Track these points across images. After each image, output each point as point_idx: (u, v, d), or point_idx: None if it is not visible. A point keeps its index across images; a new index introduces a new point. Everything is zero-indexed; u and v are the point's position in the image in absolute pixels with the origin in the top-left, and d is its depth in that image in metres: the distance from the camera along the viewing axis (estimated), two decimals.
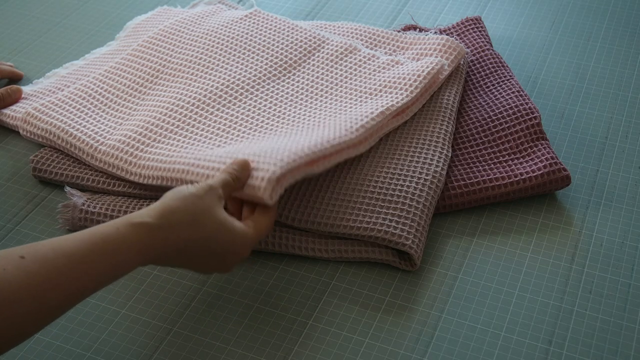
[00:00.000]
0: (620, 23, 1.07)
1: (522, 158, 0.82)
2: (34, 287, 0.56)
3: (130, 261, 0.61)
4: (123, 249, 0.60)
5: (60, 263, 0.57)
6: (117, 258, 0.60)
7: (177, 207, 0.64)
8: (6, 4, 1.18)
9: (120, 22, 1.12)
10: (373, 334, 0.69)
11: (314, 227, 0.76)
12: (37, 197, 0.85)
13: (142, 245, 0.61)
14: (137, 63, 0.94)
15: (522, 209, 0.80)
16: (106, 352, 0.69)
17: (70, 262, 0.58)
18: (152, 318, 0.72)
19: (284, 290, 0.74)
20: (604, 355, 0.67)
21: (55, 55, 1.06)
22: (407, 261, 0.74)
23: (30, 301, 0.56)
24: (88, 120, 0.88)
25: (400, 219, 0.75)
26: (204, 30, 0.98)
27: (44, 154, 0.87)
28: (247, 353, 0.68)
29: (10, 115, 0.93)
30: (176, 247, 0.63)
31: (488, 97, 0.90)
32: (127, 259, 0.61)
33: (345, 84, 0.90)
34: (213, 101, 0.87)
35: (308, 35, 0.97)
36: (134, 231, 0.61)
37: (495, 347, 0.68)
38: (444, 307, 0.71)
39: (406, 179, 0.79)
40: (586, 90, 0.96)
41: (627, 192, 0.82)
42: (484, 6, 1.12)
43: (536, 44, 1.04)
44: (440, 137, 0.84)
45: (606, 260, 0.75)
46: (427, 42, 0.94)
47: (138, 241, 0.61)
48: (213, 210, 0.66)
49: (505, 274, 0.74)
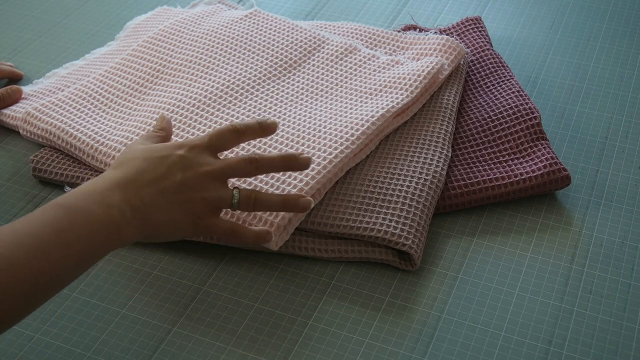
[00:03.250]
0: (620, 23, 1.07)
1: (522, 158, 0.82)
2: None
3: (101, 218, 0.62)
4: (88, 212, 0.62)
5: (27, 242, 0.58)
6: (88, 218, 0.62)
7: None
8: (6, 4, 1.18)
9: (120, 22, 1.12)
10: (373, 334, 0.69)
11: (314, 227, 0.76)
12: (37, 197, 0.85)
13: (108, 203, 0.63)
14: (137, 63, 0.95)
15: (522, 209, 0.80)
16: (106, 352, 0.69)
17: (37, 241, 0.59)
18: (152, 318, 0.72)
19: (284, 290, 0.74)
20: (604, 355, 0.67)
21: (55, 55, 1.07)
22: (407, 261, 0.74)
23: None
24: (88, 120, 0.88)
25: (400, 219, 0.75)
26: (204, 30, 0.98)
27: (44, 154, 0.87)
28: (247, 353, 0.68)
29: (10, 115, 0.93)
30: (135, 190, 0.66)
31: (488, 97, 0.90)
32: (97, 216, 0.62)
33: (345, 84, 0.90)
34: (213, 102, 0.87)
35: (308, 35, 0.97)
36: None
37: (495, 347, 0.68)
38: (444, 307, 0.71)
39: (406, 179, 0.79)
40: (586, 90, 0.96)
41: (627, 192, 0.82)
42: (484, 6, 1.12)
43: (536, 44, 1.04)
44: (440, 137, 0.84)
45: (606, 260, 0.75)
46: (427, 42, 0.94)
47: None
48: (131, 146, 0.70)
49: (505, 274, 0.74)
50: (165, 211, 0.66)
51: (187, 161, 0.68)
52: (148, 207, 0.65)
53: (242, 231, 0.70)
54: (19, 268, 0.57)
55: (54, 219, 0.61)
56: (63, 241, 0.60)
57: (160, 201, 0.66)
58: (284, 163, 0.71)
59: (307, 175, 0.75)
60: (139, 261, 0.77)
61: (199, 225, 0.69)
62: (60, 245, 0.60)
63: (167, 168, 0.67)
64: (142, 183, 0.66)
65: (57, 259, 0.59)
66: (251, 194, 0.70)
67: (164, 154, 0.68)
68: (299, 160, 0.71)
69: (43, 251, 0.58)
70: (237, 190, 0.70)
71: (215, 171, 0.69)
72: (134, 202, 0.65)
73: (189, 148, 0.69)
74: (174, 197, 0.67)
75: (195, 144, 0.70)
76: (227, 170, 0.69)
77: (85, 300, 0.73)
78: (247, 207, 0.70)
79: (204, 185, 0.68)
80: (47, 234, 0.59)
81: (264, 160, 0.70)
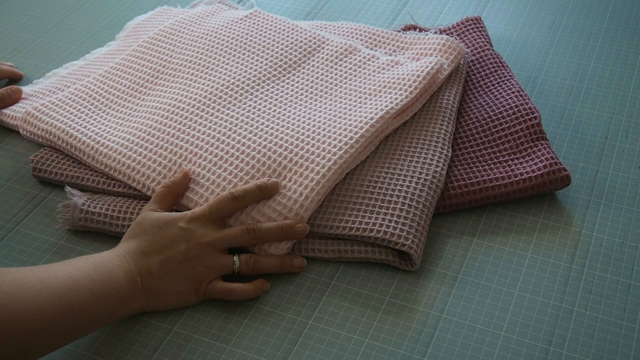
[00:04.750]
0: (620, 23, 1.07)
1: (522, 158, 0.82)
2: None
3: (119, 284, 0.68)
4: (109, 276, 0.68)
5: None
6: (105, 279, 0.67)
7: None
8: (6, 4, 1.18)
9: (120, 22, 1.12)
10: (373, 334, 0.69)
11: (314, 229, 0.76)
12: (37, 197, 0.85)
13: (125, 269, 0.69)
14: (137, 63, 0.94)
15: (522, 209, 0.80)
16: (106, 352, 0.69)
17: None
18: (152, 318, 0.72)
19: (284, 290, 0.74)
20: (604, 355, 0.67)
21: (55, 55, 1.06)
22: (407, 261, 0.74)
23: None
24: (88, 120, 0.88)
25: (400, 219, 0.75)
26: (204, 31, 0.98)
27: (44, 154, 0.87)
28: (247, 353, 0.68)
29: (10, 115, 0.93)
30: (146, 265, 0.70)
31: (488, 97, 0.90)
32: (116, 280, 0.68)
33: (345, 84, 0.90)
34: (213, 102, 0.87)
35: (308, 35, 0.97)
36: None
37: (495, 347, 0.68)
38: (444, 307, 0.71)
39: (406, 179, 0.79)
40: (586, 90, 0.96)
41: (627, 192, 0.82)
42: (484, 6, 1.12)
43: (536, 44, 1.04)
44: (440, 137, 0.84)
45: (606, 260, 0.75)
46: (427, 42, 0.94)
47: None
48: (144, 216, 0.74)
49: (505, 274, 0.74)
50: (169, 279, 0.70)
51: (189, 233, 0.72)
52: (154, 276, 0.70)
53: (239, 289, 0.72)
54: (48, 309, 0.62)
55: (83, 267, 0.66)
56: (90, 288, 0.65)
57: (165, 270, 0.70)
58: (281, 233, 0.74)
59: (307, 188, 0.76)
60: None
61: (200, 291, 0.72)
62: (88, 292, 0.65)
63: (171, 240, 0.71)
64: (149, 254, 0.70)
65: (83, 307, 0.65)
66: (250, 258, 0.73)
67: (168, 226, 0.72)
68: (295, 229, 0.74)
69: (73, 294, 0.64)
70: (237, 257, 0.73)
71: (215, 241, 0.72)
72: (143, 272, 0.69)
73: (190, 220, 0.73)
74: (178, 267, 0.70)
75: (196, 216, 0.73)
76: (227, 241, 0.73)
77: None
78: (248, 271, 0.73)
79: (206, 254, 0.72)
80: (76, 277, 0.65)
81: (261, 231, 0.73)
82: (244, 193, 0.75)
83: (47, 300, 0.62)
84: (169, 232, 0.72)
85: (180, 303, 0.72)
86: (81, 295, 0.64)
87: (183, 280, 0.71)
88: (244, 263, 0.73)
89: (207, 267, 0.71)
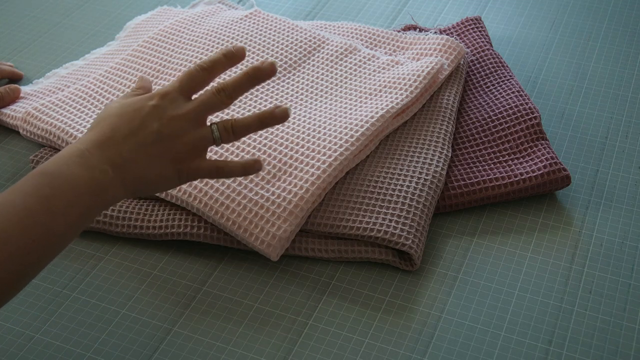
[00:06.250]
0: (620, 23, 1.07)
1: (522, 158, 0.82)
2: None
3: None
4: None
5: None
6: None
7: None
8: (6, 4, 1.18)
9: (120, 22, 1.12)
10: (373, 334, 0.69)
11: (314, 228, 0.76)
12: None
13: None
14: (138, 63, 0.95)
15: (522, 209, 0.81)
16: (106, 352, 0.69)
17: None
18: (152, 318, 0.72)
19: (284, 290, 0.74)
20: (604, 355, 0.67)
21: (55, 55, 1.07)
22: (407, 261, 0.74)
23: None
24: (88, 120, 0.88)
25: (400, 219, 0.75)
26: (204, 31, 0.98)
27: (44, 154, 0.87)
28: (247, 353, 0.68)
29: (10, 115, 0.93)
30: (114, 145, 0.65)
31: (488, 97, 0.90)
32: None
33: (345, 84, 0.90)
34: None
35: (308, 35, 0.97)
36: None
37: (495, 347, 0.68)
38: (444, 307, 0.71)
39: (406, 179, 0.79)
40: (586, 90, 0.96)
41: (627, 192, 0.82)
42: (484, 6, 1.12)
43: (536, 44, 1.04)
44: (440, 137, 0.84)
45: (606, 260, 0.75)
46: (427, 42, 0.94)
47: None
48: (111, 101, 0.69)
49: (505, 274, 0.74)
50: (145, 164, 0.66)
51: (160, 110, 0.67)
52: (128, 162, 0.65)
53: (229, 166, 0.70)
54: (7, 240, 0.57)
55: (38, 187, 0.60)
56: (50, 208, 0.59)
57: (140, 154, 0.65)
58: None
59: (307, 182, 0.75)
60: (139, 261, 0.77)
61: (183, 172, 0.68)
62: (48, 213, 0.59)
63: (142, 120, 0.66)
64: (119, 139, 0.65)
65: (47, 226, 0.59)
66: (227, 123, 0.69)
67: (136, 107, 0.67)
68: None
69: (32, 220, 0.58)
70: (214, 125, 0.69)
71: (189, 113, 0.68)
72: (114, 160, 0.64)
73: (161, 96, 0.68)
74: (153, 149, 0.66)
75: (166, 91, 0.68)
76: (200, 108, 0.68)
77: (85, 300, 0.73)
78: (229, 138, 0.70)
79: (181, 129, 0.67)
80: (32, 202, 0.59)
81: (230, 85, 0.69)
82: (211, 62, 0.70)
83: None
84: (139, 113, 0.66)
85: (161, 186, 0.68)
86: (45, 221, 0.59)
87: (160, 163, 0.66)
88: (222, 129, 0.69)
89: (185, 143, 0.67)
